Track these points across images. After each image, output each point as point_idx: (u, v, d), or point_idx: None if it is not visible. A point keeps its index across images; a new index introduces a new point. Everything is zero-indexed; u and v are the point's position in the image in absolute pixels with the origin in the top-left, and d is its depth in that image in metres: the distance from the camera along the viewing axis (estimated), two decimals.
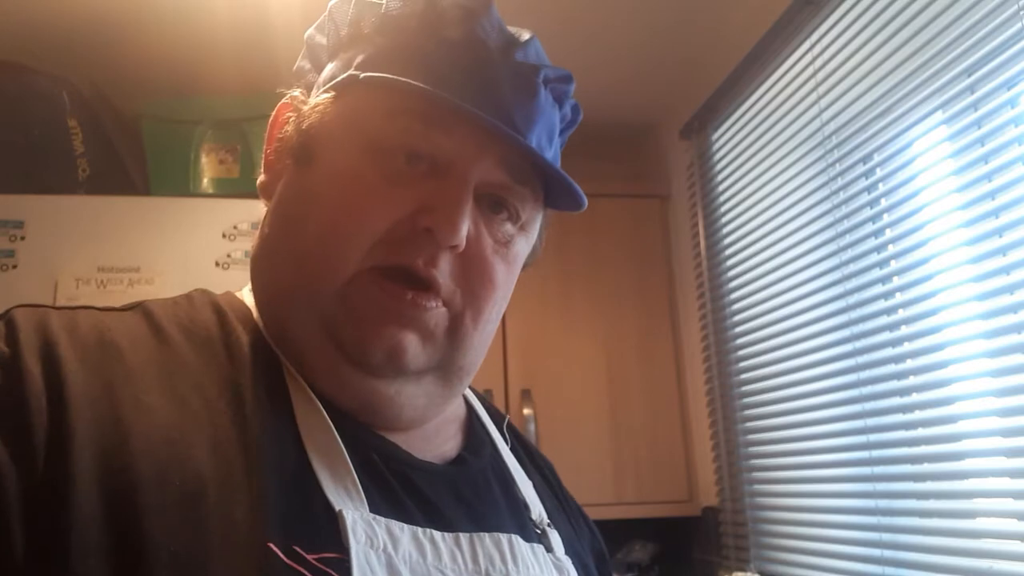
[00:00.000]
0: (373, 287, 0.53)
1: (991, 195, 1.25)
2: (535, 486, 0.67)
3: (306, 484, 0.48)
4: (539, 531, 0.62)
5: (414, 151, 0.54)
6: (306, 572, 0.44)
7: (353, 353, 0.54)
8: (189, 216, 1.94)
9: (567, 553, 0.63)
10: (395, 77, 0.53)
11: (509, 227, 0.58)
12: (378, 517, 0.49)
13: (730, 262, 2.09)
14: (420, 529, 0.51)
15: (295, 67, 0.64)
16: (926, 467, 1.41)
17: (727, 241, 2.11)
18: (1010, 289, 1.22)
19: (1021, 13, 1.17)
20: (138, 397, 0.46)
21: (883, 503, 1.48)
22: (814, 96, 1.68)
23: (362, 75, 0.55)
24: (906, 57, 1.43)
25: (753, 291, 1.97)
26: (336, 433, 0.52)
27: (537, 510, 0.64)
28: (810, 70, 1.70)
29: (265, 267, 0.58)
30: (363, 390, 0.55)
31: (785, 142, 1.82)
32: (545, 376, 2.22)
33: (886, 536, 1.45)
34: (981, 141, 1.28)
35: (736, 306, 2.06)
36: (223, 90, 2.12)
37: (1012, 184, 1.21)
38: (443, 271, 0.54)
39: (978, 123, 1.29)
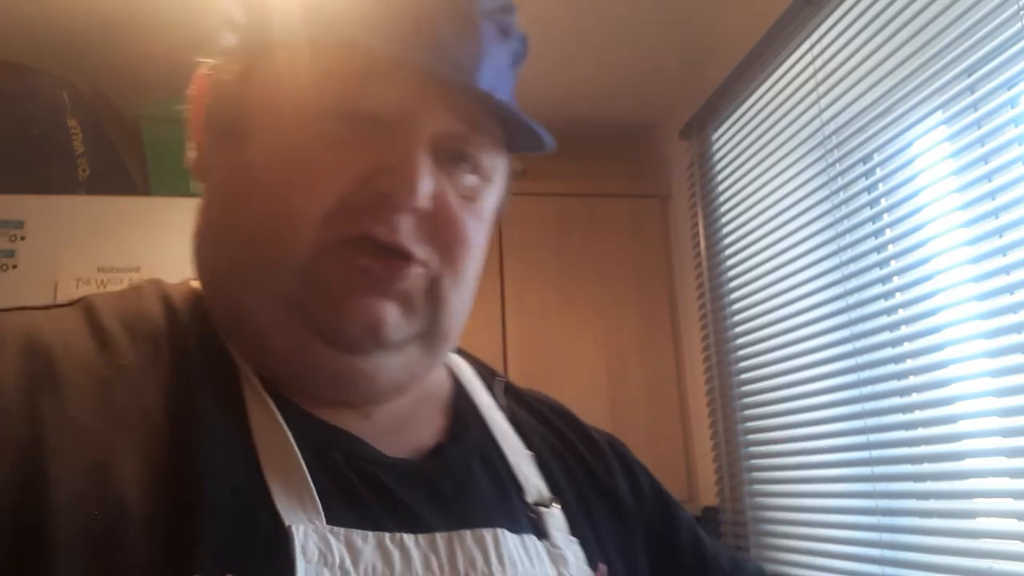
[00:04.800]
0: (341, 259, 0.48)
1: (991, 195, 1.25)
2: (538, 457, 0.61)
3: (255, 499, 0.44)
4: (533, 515, 0.56)
5: (354, 111, 0.49)
6: None
7: (327, 331, 0.49)
8: (189, 216, 1.91)
9: (573, 533, 0.57)
10: (317, 34, 0.49)
11: (473, 179, 0.53)
12: (336, 529, 0.45)
13: (730, 262, 2.09)
14: (388, 535, 0.47)
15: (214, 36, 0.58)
16: (926, 467, 1.41)
17: (727, 241, 2.11)
18: (1010, 289, 1.22)
19: (1021, 13, 1.17)
20: (64, 412, 0.43)
21: (883, 503, 1.48)
22: (814, 96, 1.68)
23: (281, 36, 0.50)
24: (906, 57, 1.43)
25: (753, 291, 1.97)
26: (291, 436, 0.48)
27: (534, 489, 0.58)
28: (810, 70, 1.70)
29: (210, 254, 0.54)
30: (337, 368, 0.50)
31: (785, 142, 1.82)
32: (545, 376, 2.22)
33: (886, 536, 1.45)
34: (981, 141, 1.28)
35: (736, 306, 2.06)
36: None
37: (1012, 184, 1.21)
38: (408, 235, 0.49)
39: (978, 123, 1.29)
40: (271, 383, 0.50)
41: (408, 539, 0.47)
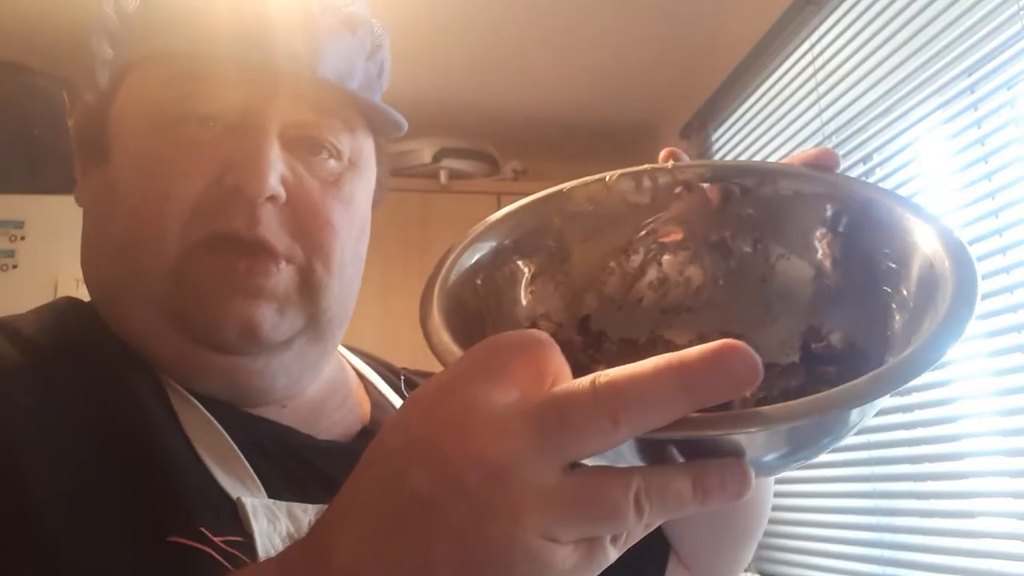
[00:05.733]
0: (204, 261, 0.49)
1: (991, 195, 1.25)
2: None
3: (201, 480, 0.47)
4: None
5: (197, 113, 0.51)
6: (213, 553, 0.43)
7: (205, 335, 0.50)
8: None
9: None
10: (161, 46, 0.51)
11: (333, 164, 0.54)
12: (278, 502, 0.48)
13: None
14: (326, 508, 0.50)
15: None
16: (926, 467, 1.41)
17: None
18: (1010, 289, 1.22)
19: (1021, 13, 1.17)
20: (17, 404, 0.45)
21: (883, 503, 1.48)
22: (814, 96, 1.68)
23: (132, 54, 0.53)
24: (906, 57, 1.43)
25: None
26: (218, 425, 0.50)
27: None
28: (810, 70, 1.70)
29: (93, 274, 0.56)
30: (226, 370, 0.51)
31: (785, 142, 1.82)
32: None
33: (886, 536, 1.45)
34: (981, 141, 1.28)
35: None
36: None
37: (1012, 184, 1.21)
38: (270, 227, 0.50)
39: (978, 123, 1.29)
40: (175, 379, 0.52)
41: None
